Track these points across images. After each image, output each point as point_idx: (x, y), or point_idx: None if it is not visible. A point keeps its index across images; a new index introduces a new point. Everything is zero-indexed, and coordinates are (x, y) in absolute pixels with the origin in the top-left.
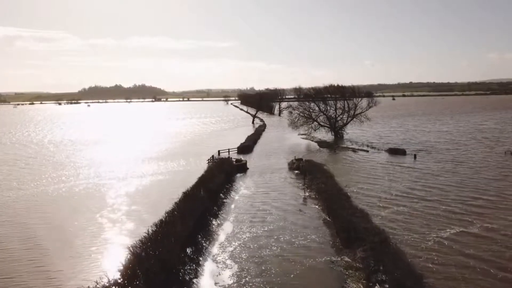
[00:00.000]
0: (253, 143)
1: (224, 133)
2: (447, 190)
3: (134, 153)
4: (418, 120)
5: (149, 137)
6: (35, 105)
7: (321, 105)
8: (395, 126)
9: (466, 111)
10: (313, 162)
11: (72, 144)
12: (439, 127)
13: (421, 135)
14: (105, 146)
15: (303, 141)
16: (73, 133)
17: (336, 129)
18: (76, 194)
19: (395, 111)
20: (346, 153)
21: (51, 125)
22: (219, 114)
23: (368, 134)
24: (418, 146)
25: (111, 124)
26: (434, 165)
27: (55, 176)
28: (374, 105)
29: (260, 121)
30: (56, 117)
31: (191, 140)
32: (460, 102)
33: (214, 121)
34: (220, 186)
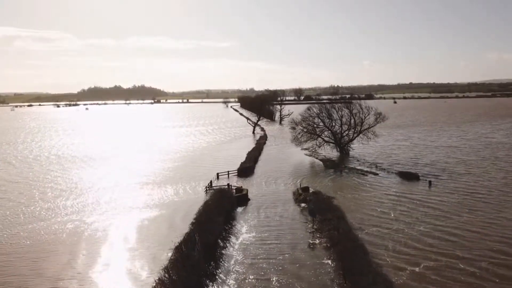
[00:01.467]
0: (254, 162)
1: (223, 147)
2: (469, 240)
3: (125, 174)
4: (423, 130)
5: (143, 153)
6: (33, 107)
7: (326, 120)
8: (401, 139)
9: (471, 119)
10: (321, 196)
11: (58, 161)
12: (447, 141)
13: (429, 152)
14: (94, 164)
15: (306, 158)
16: (62, 145)
17: (342, 145)
18: (40, 245)
19: (398, 118)
20: (354, 177)
21: (42, 135)
22: (218, 120)
23: (374, 149)
24: (429, 167)
25: (105, 133)
26: (451, 198)
27: (29, 212)
28: (382, 121)
29: (261, 130)
30: (51, 124)
31: (188, 156)
32: (463, 105)
33: (212, 130)
34: (218, 233)
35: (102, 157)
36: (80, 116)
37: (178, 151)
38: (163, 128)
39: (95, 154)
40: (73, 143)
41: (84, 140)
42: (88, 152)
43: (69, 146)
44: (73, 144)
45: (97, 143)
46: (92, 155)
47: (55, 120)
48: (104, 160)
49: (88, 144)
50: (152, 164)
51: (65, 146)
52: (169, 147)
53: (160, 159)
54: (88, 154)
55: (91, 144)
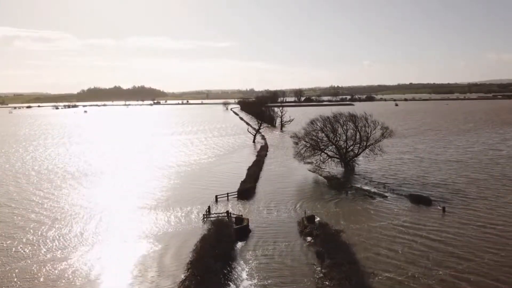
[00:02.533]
0: (255, 180)
1: (223, 160)
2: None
3: (116, 195)
4: (427, 140)
5: (138, 168)
6: (32, 109)
7: (330, 135)
8: (405, 151)
9: (476, 126)
10: (329, 229)
11: (48, 176)
12: (453, 154)
13: (436, 168)
14: (85, 182)
15: (310, 174)
16: (55, 157)
17: (347, 160)
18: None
19: (401, 124)
20: (361, 200)
21: (36, 143)
22: (218, 126)
23: (379, 163)
24: (439, 188)
25: (100, 143)
26: (468, 231)
27: (4, 249)
28: (389, 136)
29: (262, 138)
30: (47, 129)
31: (185, 172)
32: (465, 109)
33: (211, 137)
34: (216, 285)
35: (94, 172)
36: (78, 120)
37: (174, 165)
38: (160, 137)
39: (88, 169)
40: (66, 154)
41: (78, 150)
42: (80, 166)
43: (62, 158)
44: (66, 155)
45: (91, 155)
46: (85, 170)
47: (52, 125)
48: (96, 177)
49: (81, 156)
50: (146, 183)
51: (58, 158)
52: (166, 160)
53: (155, 176)
54: (81, 168)
55: (84, 156)
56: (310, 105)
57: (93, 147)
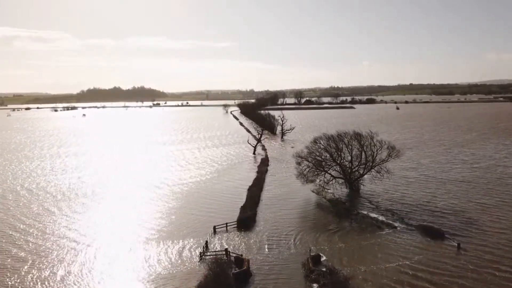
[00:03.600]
0: (255, 204)
1: (221, 178)
2: None
3: (105, 224)
4: (432, 153)
5: (129, 188)
6: (31, 111)
7: (334, 154)
8: (410, 167)
9: (480, 137)
10: (337, 278)
11: (31, 198)
12: (461, 172)
13: (445, 191)
14: (73, 206)
15: (313, 197)
16: (43, 172)
17: (352, 181)
18: None
19: (403, 132)
20: (369, 232)
21: (26, 153)
22: (217, 133)
23: (384, 184)
24: (451, 216)
25: (93, 154)
26: (488, 275)
27: None
28: (397, 157)
29: (262, 149)
30: (42, 135)
31: (180, 193)
32: (467, 113)
33: (209, 146)
34: None
35: (85, 193)
36: (75, 125)
37: (169, 183)
38: (156, 146)
39: (79, 188)
40: (60, 167)
41: (72, 164)
42: (72, 183)
43: (55, 173)
44: (59, 169)
45: (84, 170)
46: (76, 189)
47: (48, 132)
48: (88, 199)
49: (74, 171)
50: (137, 208)
51: (51, 172)
52: (160, 177)
53: (148, 198)
54: (72, 186)
55: (77, 170)
56: (311, 107)
57: (87, 159)
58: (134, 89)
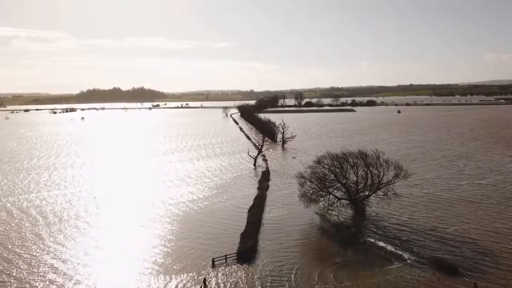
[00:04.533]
0: (256, 230)
1: (219, 196)
2: None
3: (88, 264)
4: (437, 167)
5: (118, 209)
6: (29, 113)
7: (339, 175)
8: (415, 183)
9: (484, 146)
10: None
11: (18, 223)
12: (468, 189)
13: (453, 214)
14: (54, 235)
15: (317, 220)
16: (32, 191)
17: (357, 201)
18: None
19: (406, 140)
20: (377, 266)
21: (18, 167)
22: (216, 141)
23: (391, 205)
24: (463, 246)
25: (86, 166)
26: None
27: None
28: (404, 178)
29: (263, 159)
30: (35, 145)
31: (173, 219)
32: (468, 117)
33: (206, 157)
34: None
35: (70, 217)
36: (72, 130)
37: (161, 205)
38: (150, 157)
39: (65, 211)
40: (47, 183)
41: (61, 179)
42: (58, 205)
43: (42, 191)
44: (47, 186)
45: (72, 188)
46: (61, 212)
47: (44, 138)
48: (71, 226)
49: (62, 188)
50: (129, 234)
51: (37, 189)
52: (152, 196)
53: (141, 222)
54: (57, 209)
55: (65, 187)
56: (311, 110)
57: (83, 172)
58: (133, 90)
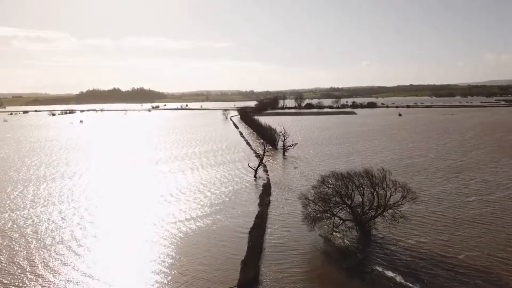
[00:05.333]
0: (257, 257)
1: (216, 217)
2: None
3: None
4: (442, 181)
5: (105, 233)
6: (28, 115)
7: (344, 196)
8: (421, 200)
9: (489, 154)
10: None
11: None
12: (477, 207)
13: (464, 237)
14: (34, 261)
15: (321, 244)
16: (16, 208)
17: (362, 223)
18: None
19: (408, 149)
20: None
21: (5, 179)
22: (214, 147)
23: (396, 225)
24: (477, 277)
25: (76, 177)
26: None
27: None
28: (412, 201)
29: (264, 170)
30: (28, 152)
31: (169, 242)
32: (470, 121)
33: (202, 167)
34: None
35: (61, 239)
36: (70, 133)
37: (157, 224)
38: (148, 167)
39: (55, 231)
40: (32, 199)
41: (53, 192)
42: (47, 223)
43: (23, 208)
44: (31, 202)
45: (64, 203)
46: (51, 232)
47: (39, 144)
48: (62, 246)
49: (53, 204)
50: (119, 262)
51: (21, 206)
52: (149, 213)
53: (132, 247)
54: (48, 228)
55: (56, 203)
56: (311, 113)
57: (73, 184)
58: (133, 91)
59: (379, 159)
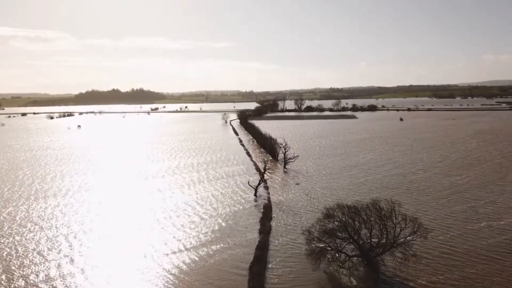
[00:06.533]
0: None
1: (212, 247)
2: None
3: None
4: (450, 203)
5: (97, 264)
6: (26, 118)
7: (351, 230)
8: (430, 227)
9: (494, 169)
10: None
11: None
12: (490, 237)
13: (479, 275)
14: None
15: (325, 283)
16: (5, 234)
17: (370, 258)
18: None
19: (412, 165)
20: None
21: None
22: (210, 158)
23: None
24: None
25: (62, 195)
26: None
27: None
28: (424, 237)
29: (264, 187)
30: (21, 163)
31: (157, 277)
32: (473, 127)
33: (197, 182)
34: None
35: (46, 276)
36: (67, 141)
37: (148, 258)
38: (140, 181)
39: (39, 265)
40: (24, 221)
41: (44, 214)
42: (32, 256)
43: (16, 234)
44: (23, 225)
45: (53, 228)
46: (35, 267)
47: (33, 154)
48: (45, 286)
49: (41, 230)
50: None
51: (13, 231)
52: (138, 245)
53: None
54: (32, 261)
55: (45, 227)
56: (311, 116)
57: (65, 203)
58: (132, 92)
59: (382, 174)
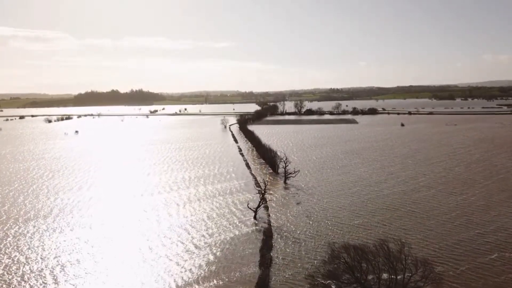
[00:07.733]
0: None
1: (205, 284)
2: None
3: None
4: (461, 234)
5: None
6: (25, 121)
7: (357, 272)
8: (435, 255)
9: (501, 187)
10: None
11: None
12: (502, 261)
13: None
14: None
15: None
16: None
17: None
18: None
19: (416, 181)
20: None
21: None
22: (209, 171)
23: None
24: None
25: (52, 218)
26: None
27: None
28: (436, 283)
29: (264, 207)
30: (12, 175)
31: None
32: (477, 133)
33: (192, 200)
34: None
35: None
36: (62, 148)
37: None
38: (130, 200)
39: None
40: (8, 249)
41: (27, 243)
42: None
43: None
44: (6, 252)
45: (33, 262)
46: None
47: (25, 165)
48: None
49: (21, 264)
50: None
51: None
52: (120, 281)
53: None
54: None
55: (25, 263)
56: (312, 121)
57: (48, 227)
58: (132, 92)
59: (384, 192)
